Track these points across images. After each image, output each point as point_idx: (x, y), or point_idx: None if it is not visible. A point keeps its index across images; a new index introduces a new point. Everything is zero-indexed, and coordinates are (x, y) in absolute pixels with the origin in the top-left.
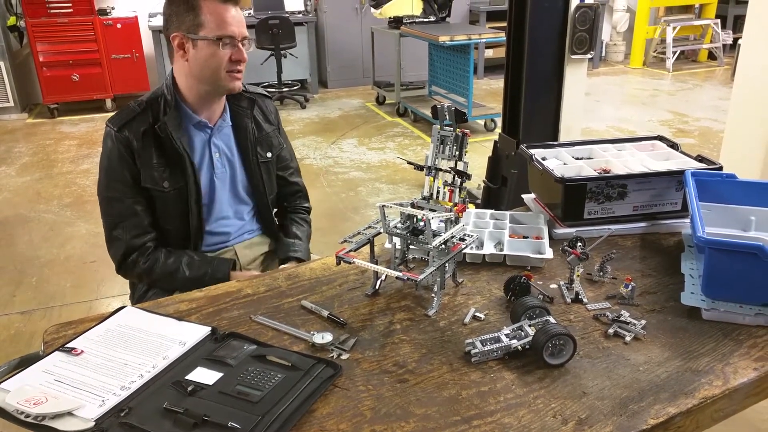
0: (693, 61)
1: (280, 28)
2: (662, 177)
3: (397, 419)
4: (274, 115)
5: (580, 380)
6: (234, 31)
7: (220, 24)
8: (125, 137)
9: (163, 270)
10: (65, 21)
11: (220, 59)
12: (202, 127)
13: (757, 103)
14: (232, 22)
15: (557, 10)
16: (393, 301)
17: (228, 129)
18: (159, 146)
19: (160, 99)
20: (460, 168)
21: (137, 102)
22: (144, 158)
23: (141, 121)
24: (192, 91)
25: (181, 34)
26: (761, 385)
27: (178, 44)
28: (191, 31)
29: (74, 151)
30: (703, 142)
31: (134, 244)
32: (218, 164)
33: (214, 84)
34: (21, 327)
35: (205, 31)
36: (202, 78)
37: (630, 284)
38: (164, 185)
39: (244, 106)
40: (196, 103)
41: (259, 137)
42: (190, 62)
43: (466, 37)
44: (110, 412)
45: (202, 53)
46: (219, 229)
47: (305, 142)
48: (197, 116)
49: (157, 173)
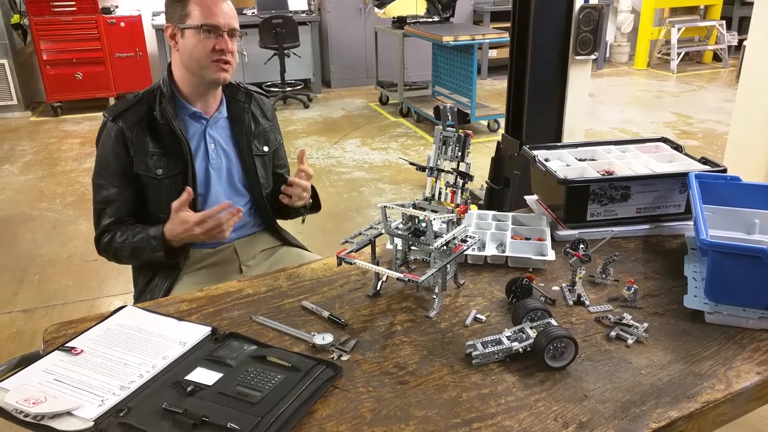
0: (698, 63)
1: (284, 28)
2: (666, 179)
3: (397, 421)
4: (271, 113)
5: (582, 383)
6: (219, 22)
7: (206, 13)
8: (119, 127)
9: (122, 242)
10: (69, 19)
11: (204, 48)
12: (198, 117)
13: (762, 106)
14: (218, 13)
15: (561, 11)
16: (394, 302)
17: (224, 121)
18: (154, 134)
19: (156, 91)
20: (463, 169)
21: (133, 94)
22: (138, 146)
23: (136, 111)
24: (186, 82)
25: (172, 25)
26: (764, 389)
27: (170, 35)
28: (180, 20)
29: (77, 150)
30: (707, 144)
31: (108, 227)
32: (213, 155)
33: (199, 74)
34: (23, 325)
35: (191, 19)
36: (190, 68)
37: (632, 287)
38: (157, 173)
39: (241, 100)
40: (191, 94)
41: (256, 131)
42: (180, 52)
43: (469, 37)
44: (109, 412)
45: (189, 42)
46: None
47: (308, 142)
48: (192, 107)
49: (151, 161)
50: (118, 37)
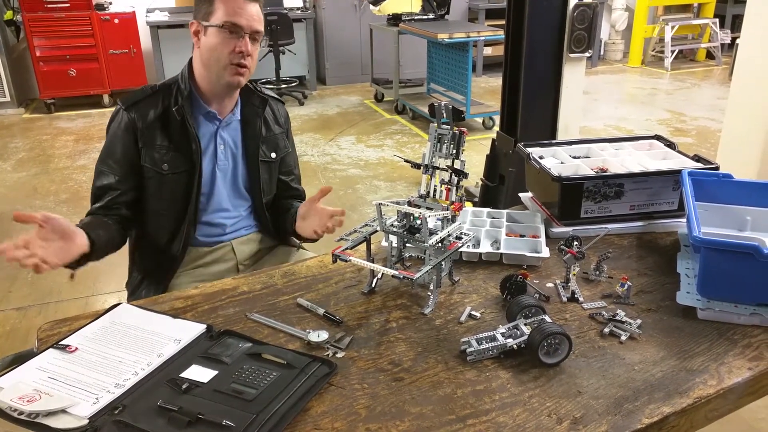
0: (691, 60)
1: (279, 25)
2: (659, 176)
3: (392, 418)
4: (284, 119)
5: (575, 379)
6: (242, 22)
7: (230, 12)
8: (131, 117)
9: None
10: (62, 16)
11: (224, 47)
12: (211, 118)
13: (755, 103)
14: (242, 14)
15: (556, 9)
16: (389, 299)
17: (236, 124)
18: (166, 129)
19: (173, 86)
20: (457, 166)
21: (151, 85)
22: (147, 138)
23: (150, 104)
24: (204, 80)
25: (197, 22)
26: (756, 384)
27: (194, 31)
28: (204, 18)
29: (71, 147)
30: (700, 142)
31: (96, 211)
32: (221, 156)
33: (216, 74)
34: (16, 323)
35: (214, 17)
36: (209, 66)
37: (626, 283)
38: (163, 167)
39: (256, 104)
40: (209, 93)
41: (266, 136)
42: (201, 50)
43: (464, 34)
44: (104, 410)
45: (210, 40)
46: (216, 220)
47: (303, 139)
48: (208, 107)
49: (158, 154)
50: (111, 33)
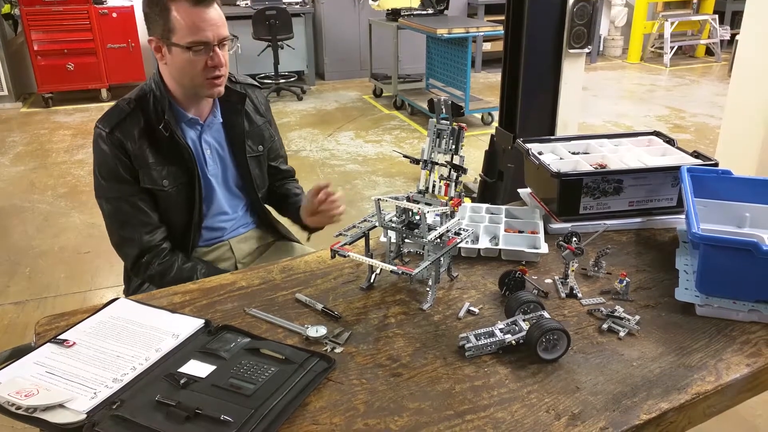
0: (690, 57)
1: (277, 19)
2: (658, 173)
3: (390, 413)
4: (264, 106)
5: (574, 375)
6: (208, 36)
7: (192, 29)
8: (118, 139)
9: (178, 276)
10: (60, 9)
11: (195, 67)
12: (193, 124)
13: (754, 100)
14: (205, 27)
15: (555, 4)
16: (388, 294)
17: (218, 125)
18: (154, 145)
19: (149, 96)
20: (456, 162)
21: (125, 100)
22: (140, 159)
23: (132, 122)
24: (178, 91)
25: (156, 38)
26: (754, 381)
27: (155, 47)
28: (164, 36)
29: (69, 141)
30: (699, 138)
31: (148, 242)
32: (210, 161)
33: (193, 90)
34: (14, 318)
35: (176, 37)
36: (182, 83)
37: (624, 280)
38: (164, 184)
39: (234, 101)
40: (185, 100)
41: (250, 131)
42: (169, 67)
43: (464, 30)
44: (102, 405)
45: (177, 59)
46: (216, 224)
47: (301, 134)
48: (187, 113)
49: (155, 173)
50: (110, 27)
